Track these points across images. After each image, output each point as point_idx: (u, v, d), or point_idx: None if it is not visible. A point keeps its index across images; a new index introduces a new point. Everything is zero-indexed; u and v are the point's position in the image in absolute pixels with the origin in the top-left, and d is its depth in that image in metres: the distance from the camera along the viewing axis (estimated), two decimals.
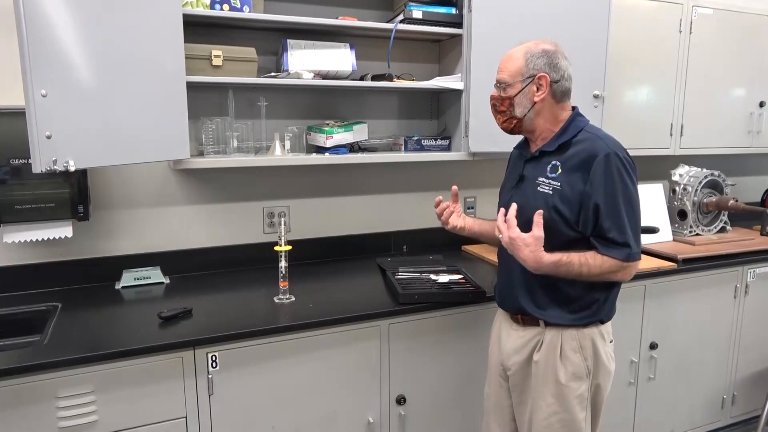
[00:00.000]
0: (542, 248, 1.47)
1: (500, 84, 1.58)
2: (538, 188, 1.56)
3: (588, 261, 1.49)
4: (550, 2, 2.22)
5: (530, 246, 1.47)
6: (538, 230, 1.46)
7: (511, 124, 1.60)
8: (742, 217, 2.88)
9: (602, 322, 1.61)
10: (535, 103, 1.54)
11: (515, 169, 1.69)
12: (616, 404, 2.35)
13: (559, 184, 1.53)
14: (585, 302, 1.56)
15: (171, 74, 1.75)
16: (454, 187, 1.81)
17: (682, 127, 2.75)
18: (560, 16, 2.23)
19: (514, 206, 1.51)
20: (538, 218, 1.47)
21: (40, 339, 1.62)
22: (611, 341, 1.64)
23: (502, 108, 1.58)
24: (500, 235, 1.53)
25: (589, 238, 1.52)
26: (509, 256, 1.55)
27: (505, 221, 1.51)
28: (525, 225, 1.51)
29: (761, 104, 2.93)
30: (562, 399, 1.57)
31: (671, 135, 2.74)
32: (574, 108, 1.61)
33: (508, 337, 1.69)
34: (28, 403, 1.46)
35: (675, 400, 2.53)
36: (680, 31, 2.66)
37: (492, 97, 1.61)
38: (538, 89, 1.53)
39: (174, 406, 1.62)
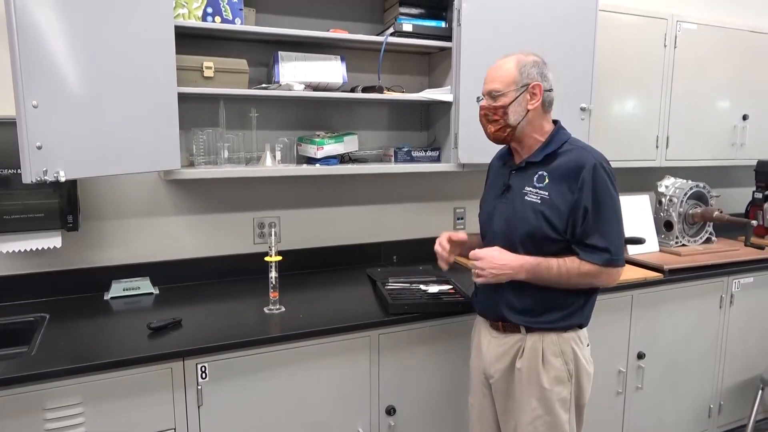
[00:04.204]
0: (510, 253, 1.58)
1: (492, 93, 1.59)
2: (526, 197, 1.60)
3: (566, 263, 1.55)
4: (537, 16, 2.26)
5: (502, 252, 1.57)
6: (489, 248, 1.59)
7: (504, 132, 1.61)
8: (726, 228, 2.92)
9: (580, 327, 1.66)
10: (528, 111, 1.58)
11: (499, 179, 1.73)
12: (604, 414, 2.37)
13: (546, 193, 1.57)
14: (565, 307, 1.61)
15: (162, 85, 1.76)
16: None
17: (667, 139, 2.80)
18: (548, 30, 2.26)
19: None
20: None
21: (27, 350, 1.61)
22: (588, 345, 1.69)
23: (495, 117, 1.60)
24: (478, 280, 1.63)
25: (572, 246, 1.58)
26: None
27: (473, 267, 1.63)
28: (512, 234, 1.59)
29: (744, 117, 2.99)
30: (546, 402, 1.61)
31: (657, 147, 2.78)
32: (556, 122, 1.66)
33: (488, 345, 1.71)
34: (15, 416, 1.45)
35: (662, 410, 2.55)
36: (665, 46, 2.71)
37: (482, 108, 1.63)
38: (531, 97, 1.58)
39: (163, 418, 1.61)
